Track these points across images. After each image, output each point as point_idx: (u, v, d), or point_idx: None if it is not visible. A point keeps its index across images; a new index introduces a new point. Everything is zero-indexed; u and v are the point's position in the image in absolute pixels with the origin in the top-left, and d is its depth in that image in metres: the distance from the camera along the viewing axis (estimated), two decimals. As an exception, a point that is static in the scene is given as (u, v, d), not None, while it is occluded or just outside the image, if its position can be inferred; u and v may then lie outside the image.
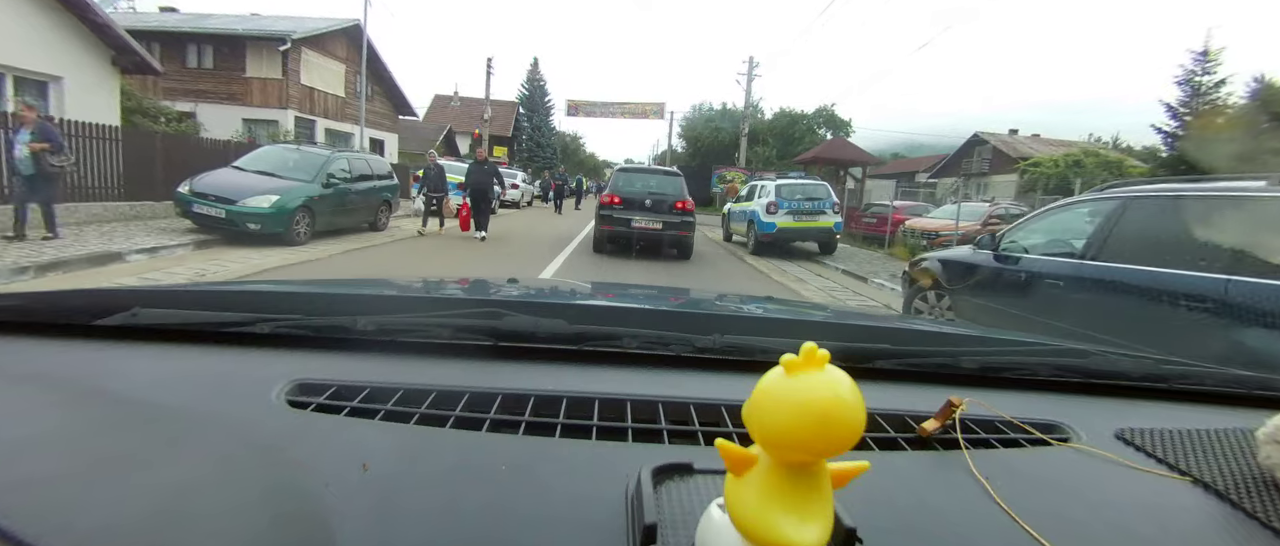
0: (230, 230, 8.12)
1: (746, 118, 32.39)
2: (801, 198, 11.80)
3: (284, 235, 8.37)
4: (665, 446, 0.61)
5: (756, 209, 12.00)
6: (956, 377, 0.86)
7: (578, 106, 38.18)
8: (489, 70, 33.11)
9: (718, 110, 35.42)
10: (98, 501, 0.41)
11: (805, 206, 11.70)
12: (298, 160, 9.63)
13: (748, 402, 0.36)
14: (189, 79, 20.00)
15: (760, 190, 12.58)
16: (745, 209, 12.89)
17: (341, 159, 10.20)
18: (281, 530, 0.42)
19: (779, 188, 12.00)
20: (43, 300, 0.84)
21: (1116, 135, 31.02)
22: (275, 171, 9.14)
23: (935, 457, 0.63)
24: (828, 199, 12.05)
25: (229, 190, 8.27)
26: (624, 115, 37.37)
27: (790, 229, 11.70)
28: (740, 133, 32.62)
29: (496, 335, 0.82)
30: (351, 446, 0.55)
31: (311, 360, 0.74)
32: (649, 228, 9.47)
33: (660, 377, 0.77)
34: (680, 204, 9.63)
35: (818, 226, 11.86)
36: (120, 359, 0.72)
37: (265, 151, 10.12)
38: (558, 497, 0.50)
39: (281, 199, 8.37)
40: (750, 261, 11.23)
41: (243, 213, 8.04)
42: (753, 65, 32.27)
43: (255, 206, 8.12)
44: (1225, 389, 0.91)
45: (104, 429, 0.54)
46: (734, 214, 14.06)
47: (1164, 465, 0.64)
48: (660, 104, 37.50)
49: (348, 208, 10.11)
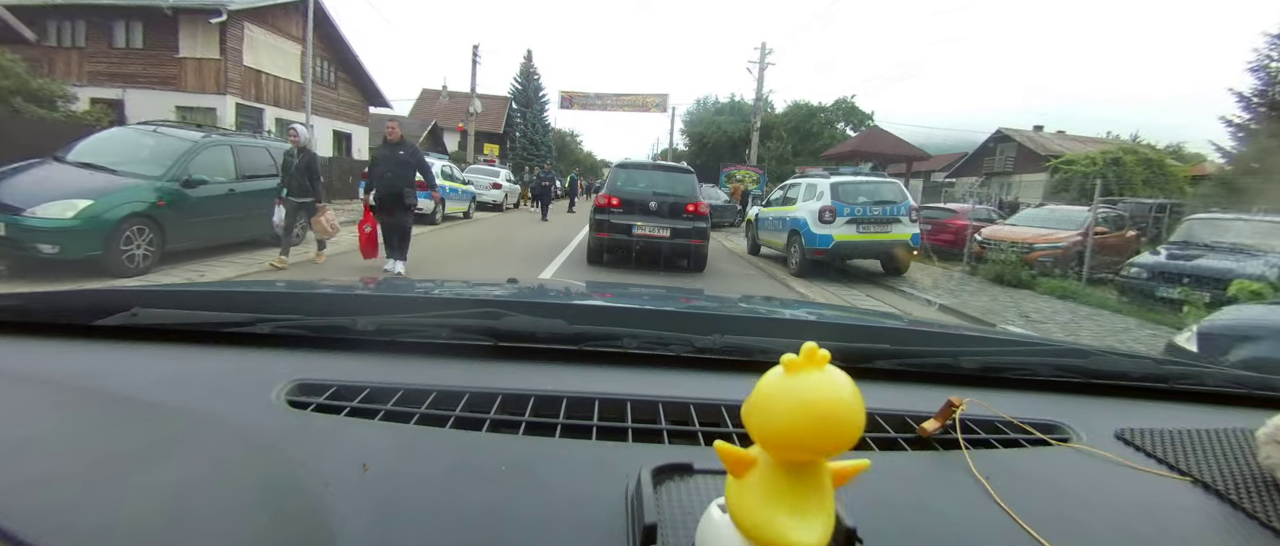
0: (16, 255, 5.25)
1: (759, 110, 29.36)
2: (868, 201, 8.65)
3: (103, 261, 5.46)
4: (665, 446, 0.61)
5: (803, 216, 8.92)
6: (956, 377, 0.86)
7: (572, 98, 34.47)
8: (475, 58, 30.07)
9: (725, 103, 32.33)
10: (97, 501, 0.41)
11: (873, 213, 8.60)
12: (153, 148, 6.67)
13: (747, 401, 0.36)
14: (117, 60, 17.07)
15: (807, 190, 9.39)
16: (784, 215, 9.74)
17: (216, 148, 7.11)
18: (281, 530, 0.42)
19: (837, 187, 8.72)
20: (42, 300, 0.84)
21: (1136, 132, 28.89)
22: (111, 165, 6.19)
23: (935, 457, 0.63)
24: (902, 202, 8.86)
25: (18, 194, 5.34)
26: (623, 107, 33.96)
27: (854, 243, 8.62)
28: (752, 127, 29.60)
29: (496, 335, 0.81)
30: (351, 446, 0.55)
31: (311, 360, 0.74)
32: (654, 236, 7.75)
33: (660, 378, 0.77)
34: (692, 206, 7.89)
35: (890, 240, 8.76)
36: (120, 359, 0.72)
37: (108, 136, 7.17)
38: (558, 497, 0.49)
39: (96, 206, 5.45)
40: (797, 286, 8.27)
41: (31, 227, 5.15)
42: (765, 52, 29.26)
43: (51, 218, 5.23)
44: (1225, 389, 0.91)
45: (104, 429, 0.54)
46: (765, 221, 10.86)
47: (1164, 465, 0.64)
48: (663, 95, 33.74)
49: (227, 217, 7.05)
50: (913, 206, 9.07)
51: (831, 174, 9.60)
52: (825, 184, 8.95)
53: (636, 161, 9.79)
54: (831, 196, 8.63)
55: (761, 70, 28.85)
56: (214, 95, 16.95)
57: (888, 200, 8.81)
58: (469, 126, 30.65)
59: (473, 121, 30.30)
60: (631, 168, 8.82)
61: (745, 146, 30.47)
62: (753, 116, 29.38)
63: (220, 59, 16.94)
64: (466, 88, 30.35)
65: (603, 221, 7.84)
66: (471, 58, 29.98)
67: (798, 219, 9.11)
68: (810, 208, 8.88)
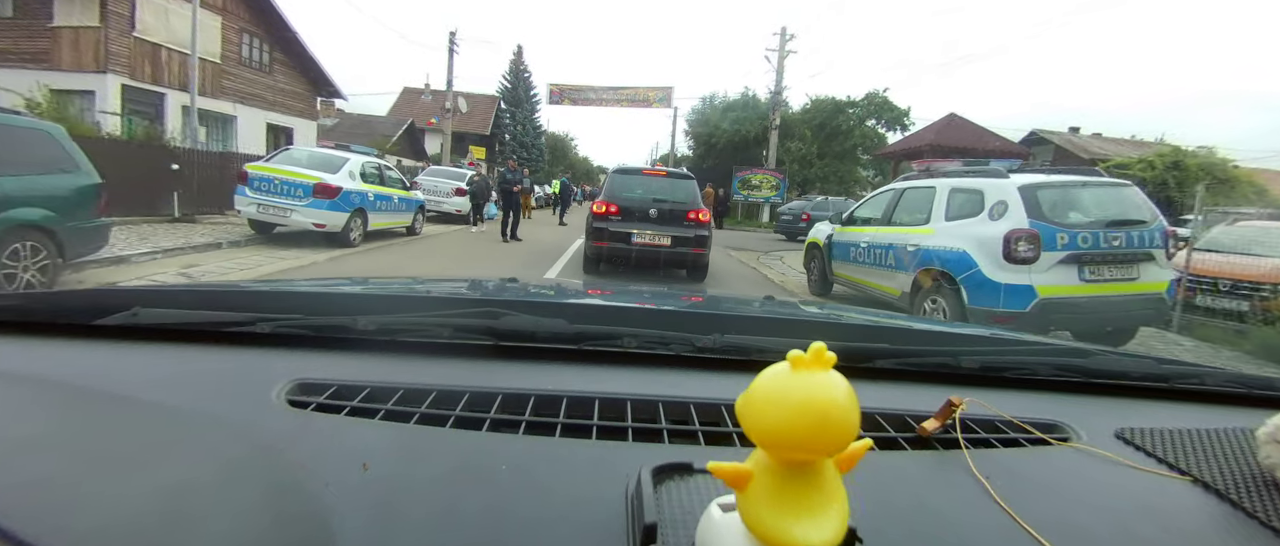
0: None
1: (778, 106, 25.50)
2: (1096, 221, 4.71)
3: None
4: (665, 446, 0.61)
5: (959, 245, 5.00)
6: (956, 377, 0.85)
7: (563, 92, 29.97)
8: (452, 47, 26.23)
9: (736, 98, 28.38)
10: (97, 501, 0.41)
11: (1111, 243, 4.63)
12: None
13: (741, 398, 0.36)
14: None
15: (960, 200, 5.32)
16: (903, 241, 5.70)
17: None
18: (282, 530, 0.42)
19: (1035, 194, 4.73)
20: (43, 300, 0.84)
21: (1161, 135, 27.69)
22: None
23: (935, 457, 0.62)
24: (1154, 223, 4.86)
25: None
26: (621, 102, 29.68)
27: (1075, 300, 4.63)
28: (769, 124, 25.72)
29: (496, 335, 0.81)
30: (352, 446, 0.54)
31: (311, 360, 0.74)
32: (655, 245, 7.43)
33: (660, 377, 0.77)
34: (693, 214, 7.58)
35: (1139, 293, 4.76)
36: (120, 359, 0.72)
37: None
38: (558, 497, 0.49)
39: None
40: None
41: None
42: (785, 37, 25.36)
43: None
44: (1225, 389, 0.91)
45: (104, 429, 0.54)
46: (855, 248, 6.63)
47: (1164, 465, 0.64)
48: (666, 88, 29.38)
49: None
50: (1167, 229, 4.95)
51: (1018, 173, 5.26)
52: (1006, 188, 4.85)
53: (635, 166, 9.12)
54: (1027, 211, 4.60)
55: (781, 58, 25.00)
56: (93, 74, 13.12)
57: (1131, 220, 4.76)
58: (445, 124, 26.72)
59: (449, 119, 26.37)
60: (629, 173, 8.24)
61: (760, 147, 26.59)
62: (771, 112, 25.49)
63: (99, 27, 13.10)
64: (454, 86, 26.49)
65: (600, 230, 7.48)
66: (449, 47, 26.11)
67: (945, 251, 5.08)
68: (976, 231, 4.87)
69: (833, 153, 25.57)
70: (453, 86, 25.84)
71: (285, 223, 8.50)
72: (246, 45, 16.82)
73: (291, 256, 7.82)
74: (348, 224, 8.77)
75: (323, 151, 9.96)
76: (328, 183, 8.43)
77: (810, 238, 8.18)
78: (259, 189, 8.41)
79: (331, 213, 8.45)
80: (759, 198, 25.18)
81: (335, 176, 8.64)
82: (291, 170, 8.50)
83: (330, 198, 8.40)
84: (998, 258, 4.58)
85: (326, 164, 8.94)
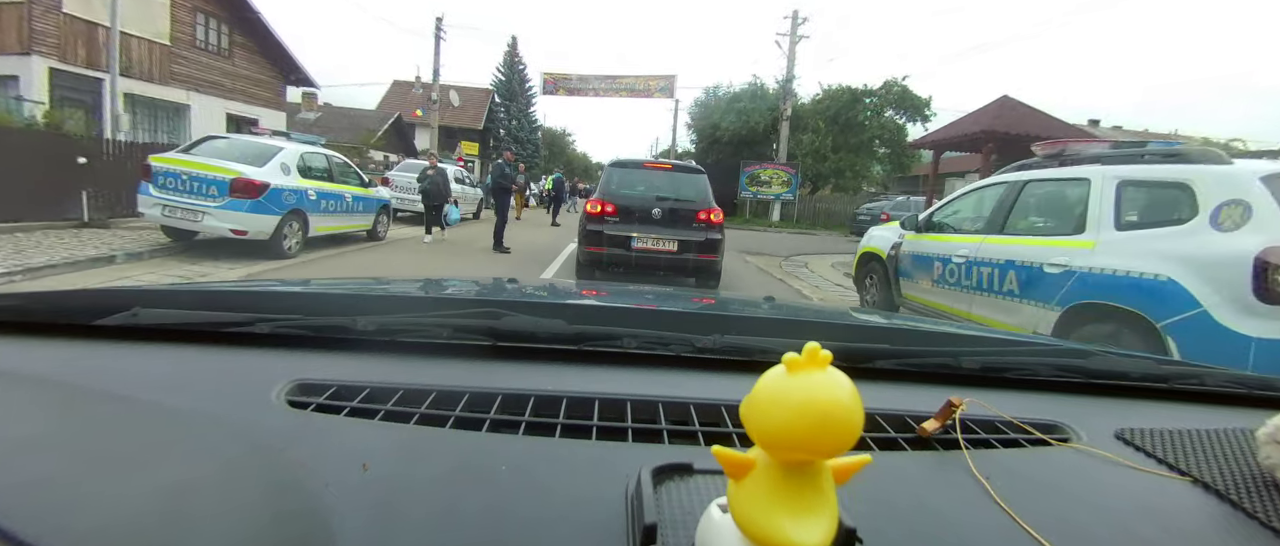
0: None
1: (789, 94, 23.73)
2: None
3: None
4: (665, 446, 0.61)
5: (1155, 269, 3.01)
6: (956, 377, 0.85)
7: (557, 82, 27.86)
8: (438, 34, 24.46)
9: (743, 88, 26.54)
10: (97, 501, 0.40)
11: None
12: None
13: (746, 401, 0.36)
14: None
15: (1126, 196, 3.43)
16: (1040, 257, 3.69)
17: None
18: (281, 530, 0.42)
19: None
20: (43, 300, 0.84)
21: (1175, 129, 27.68)
22: None
23: (935, 458, 0.62)
24: None
25: None
26: (619, 92, 27.57)
27: None
28: (780, 115, 23.95)
29: (496, 335, 0.81)
30: (351, 446, 0.54)
31: (311, 360, 0.74)
32: (659, 250, 6.36)
33: (660, 377, 0.77)
34: (704, 214, 6.51)
35: None
36: (120, 359, 0.72)
37: None
38: (558, 498, 0.49)
39: None
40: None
41: None
42: (797, 21, 23.57)
43: None
44: (1225, 389, 0.91)
45: (104, 429, 0.54)
46: (941, 266, 4.59)
47: (1164, 465, 0.64)
48: (669, 77, 27.00)
49: None
50: None
51: (1178, 150, 3.45)
52: (1241, 180, 2.96)
53: (635, 159, 7.97)
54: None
55: (793, 43, 23.16)
56: (15, 57, 11.43)
57: None
58: (432, 116, 24.93)
59: (436, 111, 24.60)
60: (629, 167, 7.13)
61: (769, 141, 24.82)
62: (781, 102, 23.72)
63: (22, 2, 11.40)
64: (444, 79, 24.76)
65: (595, 232, 6.43)
66: (435, 34, 24.33)
67: (1128, 278, 3.16)
68: (1188, 248, 2.98)
69: (848, 146, 23.69)
70: (439, 76, 24.11)
71: (198, 227, 6.83)
72: (201, 25, 14.98)
73: (196, 273, 6.15)
74: (279, 229, 7.03)
75: (251, 140, 8.10)
76: (249, 178, 6.68)
77: (865, 246, 6.04)
78: (165, 187, 6.74)
79: (254, 215, 6.71)
80: (769, 194, 23.42)
81: (261, 170, 6.90)
82: (205, 163, 6.78)
83: (252, 196, 6.66)
84: (1240, 293, 2.74)
85: (252, 155, 7.16)
